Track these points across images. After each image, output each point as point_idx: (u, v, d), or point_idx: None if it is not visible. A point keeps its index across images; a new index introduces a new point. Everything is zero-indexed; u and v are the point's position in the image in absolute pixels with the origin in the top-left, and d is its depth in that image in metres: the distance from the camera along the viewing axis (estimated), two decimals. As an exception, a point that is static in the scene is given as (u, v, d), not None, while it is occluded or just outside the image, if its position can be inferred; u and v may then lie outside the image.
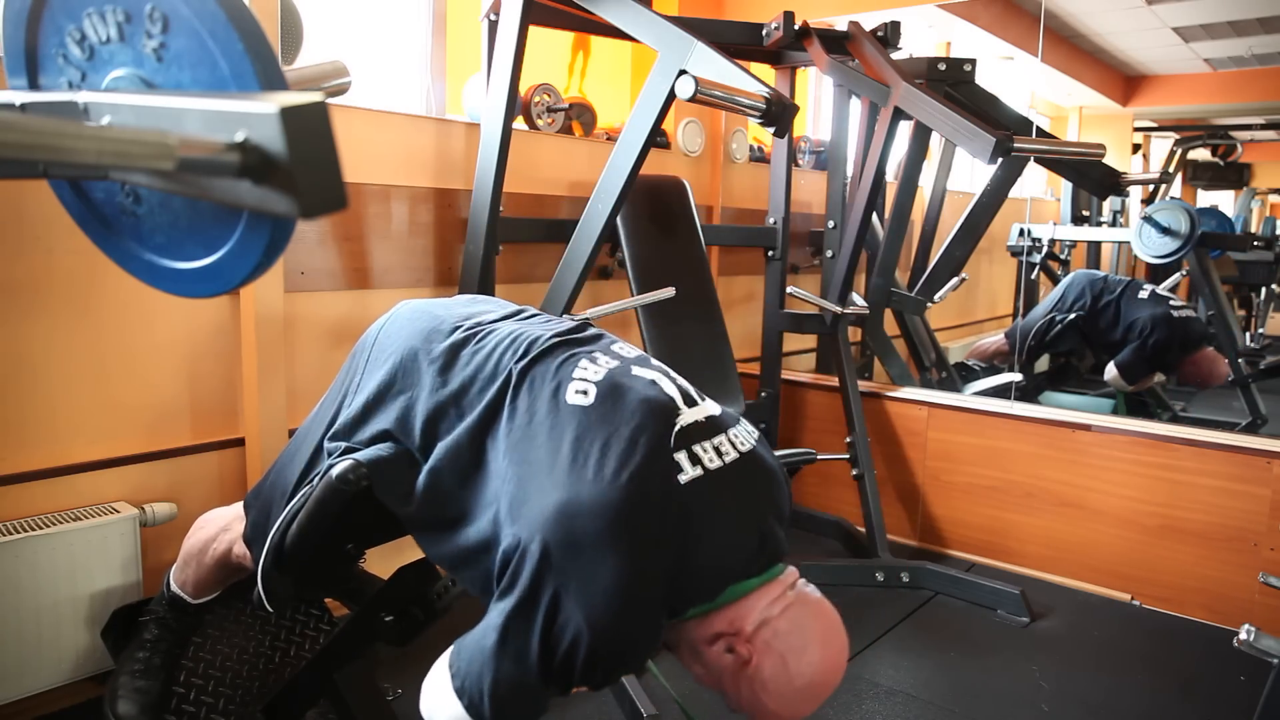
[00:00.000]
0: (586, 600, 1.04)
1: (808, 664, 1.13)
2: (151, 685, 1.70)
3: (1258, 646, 1.40)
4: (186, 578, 1.72)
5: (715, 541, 1.12)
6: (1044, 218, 4.25)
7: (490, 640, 1.09)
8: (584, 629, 1.04)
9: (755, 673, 1.13)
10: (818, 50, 2.93)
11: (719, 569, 1.13)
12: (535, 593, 1.05)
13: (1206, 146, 4.18)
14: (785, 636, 1.13)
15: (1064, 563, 2.88)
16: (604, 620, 1.04)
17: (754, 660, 1.13)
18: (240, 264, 0.81)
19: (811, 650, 1.14)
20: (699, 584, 1.12)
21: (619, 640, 1.07)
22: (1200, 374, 3.70)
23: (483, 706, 1.09)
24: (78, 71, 0.89)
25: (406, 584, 1.43)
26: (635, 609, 1.06)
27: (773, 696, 1.13)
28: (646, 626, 1.10)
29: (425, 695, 1.17)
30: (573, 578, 1.04)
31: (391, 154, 2.48)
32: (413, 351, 1.31)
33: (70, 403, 1.93)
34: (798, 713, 1.15)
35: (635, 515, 1.06)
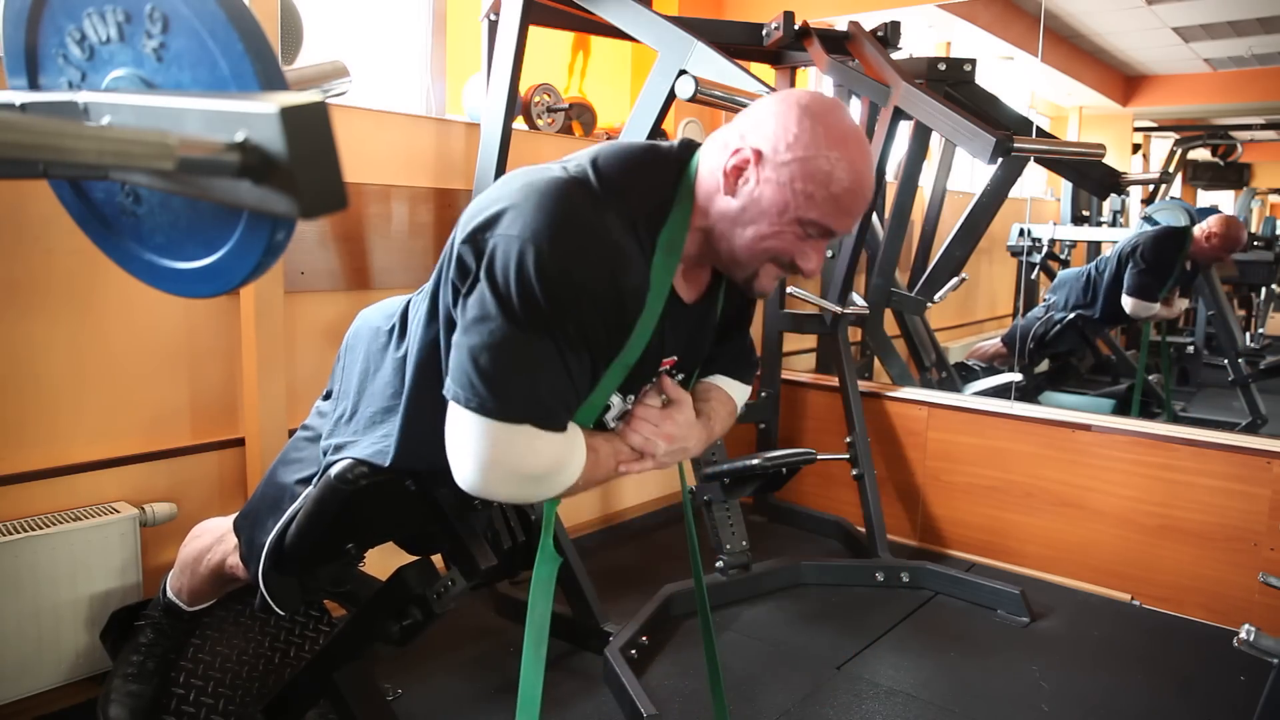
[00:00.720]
0: (518, 222, 1.01)
1: (829, 123, 1.08)
2: (144, 690, 1.70)
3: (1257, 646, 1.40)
4: (182, 585, 1.72)
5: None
6: (1044, 218, 4.25)
7: (456, 334, 1.06)
8: (523, 239, 1.00)
9: (755, 166, 1.09)
10: (818, 50, 2.93)
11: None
12: (470, 266, 1.05)
13: (1206, 146, 4.18)
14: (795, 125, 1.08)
15: (1064, 563, 2.88)
16: (538, 223, 1.00)
17: (744, 152, 1.10)
18: (240, 264, 0.81)
19: (809, 122, 1.08)
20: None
21: (561, 241, 1.01)
22: (1217, 239, 3.62)
23: (480, 392, 1.02)
24: (78, 71, 0.89)
25: (405, 584, 1.43)
26: (574, 218, 1.02)
27: (779, 176, 1.08)
28: (588, 231, 1.04)
29: (448, 452, 1.08)
30: (501, 221, 1.03)
31: (391, 154, 2.48)
32: (375, 331, 1.35)
33: (70, 403, 1.93)
34: (816, 191, 1.08)
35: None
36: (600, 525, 3.22)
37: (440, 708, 2.01)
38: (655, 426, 1.19)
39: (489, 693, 2.07)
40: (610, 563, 2.92)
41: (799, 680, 2.19)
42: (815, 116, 1.08)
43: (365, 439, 1.30)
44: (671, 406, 1.22)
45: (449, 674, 2.15)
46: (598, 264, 1.04)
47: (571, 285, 1.01)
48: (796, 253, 1.13)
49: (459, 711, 2.00)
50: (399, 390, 1.26)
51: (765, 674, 2.22)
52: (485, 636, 2.35)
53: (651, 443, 1.19)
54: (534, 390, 1.04)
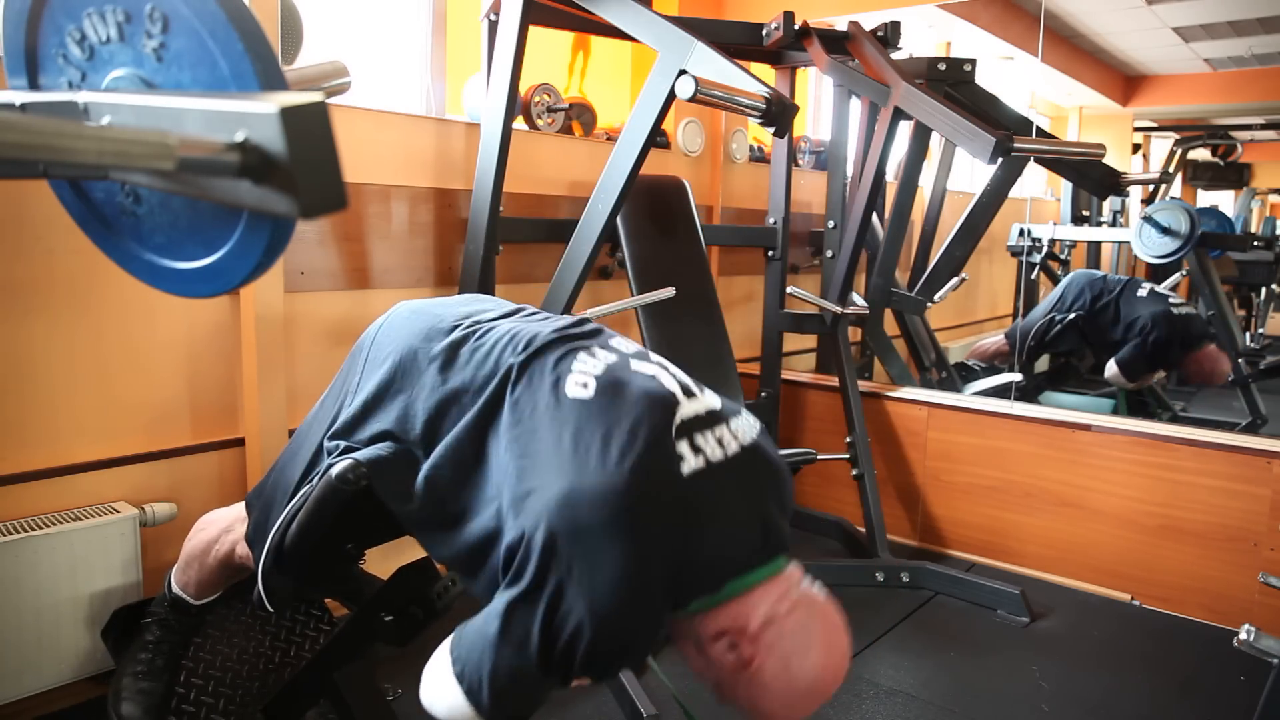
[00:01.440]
0: (589, 590, 1.04)
1: (810, 667, 1.13)
2: (155, 686, 1.70)
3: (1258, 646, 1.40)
4: (189, 579, 1.72)
5: (717, 533, 1.11)
6: (1044, 218, 4.25)
7: (492, 628, 1.09)
8: (586, 619, 1.03)
9: (756, 674, 1.12)
10: (818, 50, 2.93)
11: (721, 560, 1.13)
12: (540, 582, 1.05)
13: (1206, 146, 4.18)
14: (789, 638, 1.12)
15: (1064, 563, 2.88)
16: (606, 610, 1.04)
17: (756, 660, 1.12)
18: (240, 264, 0.81)
19: (814, 653, 1.13)
20: (701, 575, 1.12)
21: (621, 631, 1.07)
22: (1202, 371, 3.69)
23: (481, 694, 1.09)
24: (78, 71, 0.89)
25: (406, 584, 1.43)
26: (637, 599, 1.06)
27: (773, 698, 1.13)
28: (648, 618, 1.09)
29: (425, 681, 1.17)
30: (576, 567, 1.04)
31: (391, 154, 2.48)
32: (412, 351, 1.31)
33: (71, 403, 1.93)
34: (796, 715, 1.15)
35: (638, 503, 1.06)
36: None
37: (440, 708, 2.01)
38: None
39: (489, 693, 2.07)
40: (610, 563, 2.91)
41: (799, 680, 2.19)
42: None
43: (372, 448, 1.29)
44: None
45: (449, 674, 2.15)
46: (643, 647, 1.14)
47: (610, 666, 1.13)
48: None
49: (459, 711, 2.00)
50: (420, 434, 1.25)
51: (765, 674, 2.22)
52: (485, 636, 2.35)
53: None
54: (527, 707, 1.17)
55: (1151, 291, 3.67)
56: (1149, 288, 3.69)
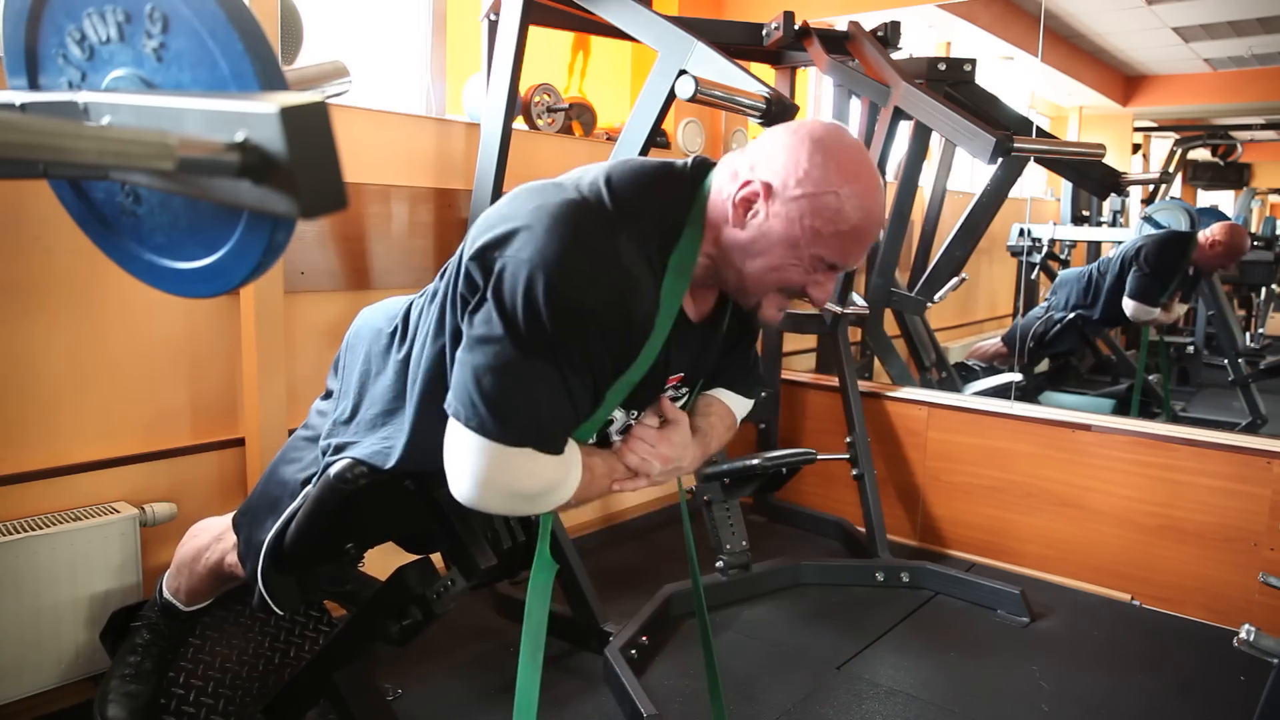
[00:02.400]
0: (530, 245, 1.02)
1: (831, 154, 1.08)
2: (141, 690, 1.70)
3: (1257, 646, 1.40)
4: (180, 585, 1.72)
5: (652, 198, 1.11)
6: (1044, 218, 4.25)
7: (460, 351, 1.07)
8: (533, 263, 1.00)
9: (765, 199, 1.08)
10: (818, 50, 2.93)
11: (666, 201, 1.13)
12: (478, 283, 1.06)
13: (1206, 146, 4.18)
14: (788, 152, 1.09)
15: (1064, 563, 2.88)
16: (550, 249, 1.01)
17: (754, 185, 1.09)
18: (240, 264, 0.81)
19: (820, 156, 1.08)
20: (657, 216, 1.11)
21: (572, 268, 1.01)
22: (1221, 247, 3.61)
23: (481, 413, 1.03)
24: (78, 71, 0.89)
25: (405, 584, 1.43)
26: (582, 239, 1.03)
27: (789, 210, 1.08)
28: (600, 257, 1.04)
29: (448, 466, 1.10)
30: (512, 242, 1.03)
31: (391, 154, 2.48)
32: (377, 332, 1.35)
33: (70, 403, 1.93)
34: (825, 226, 1.08)
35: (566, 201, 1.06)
36: (600, 525, 3.22)
37: (440, 708, 2.01)
38: (651, 447, 1.20)
39: (489, 693, 2.07)
40: (610, 563, 2.92)
41: (799, 680, 2.19)
42: (826, 151, 1.08)
43: (365, 440, 1.30)
44: (668, 426, 1.22)
45: (449, 674, 2.15)
46: (607, 291, 1.04)
47: (579, 313, 1.02)
48: (807, 283, 1.13)
49: (458, 711, 2.01)
50: (400, 393, 1.27)
51: (765, 674, 2.22)
52: (485, 636, 2.35)
53: (647, 463, 1.21)
54: (535, 414, 1.05)
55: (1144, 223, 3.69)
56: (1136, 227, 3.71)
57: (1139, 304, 3.66)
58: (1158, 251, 3.64)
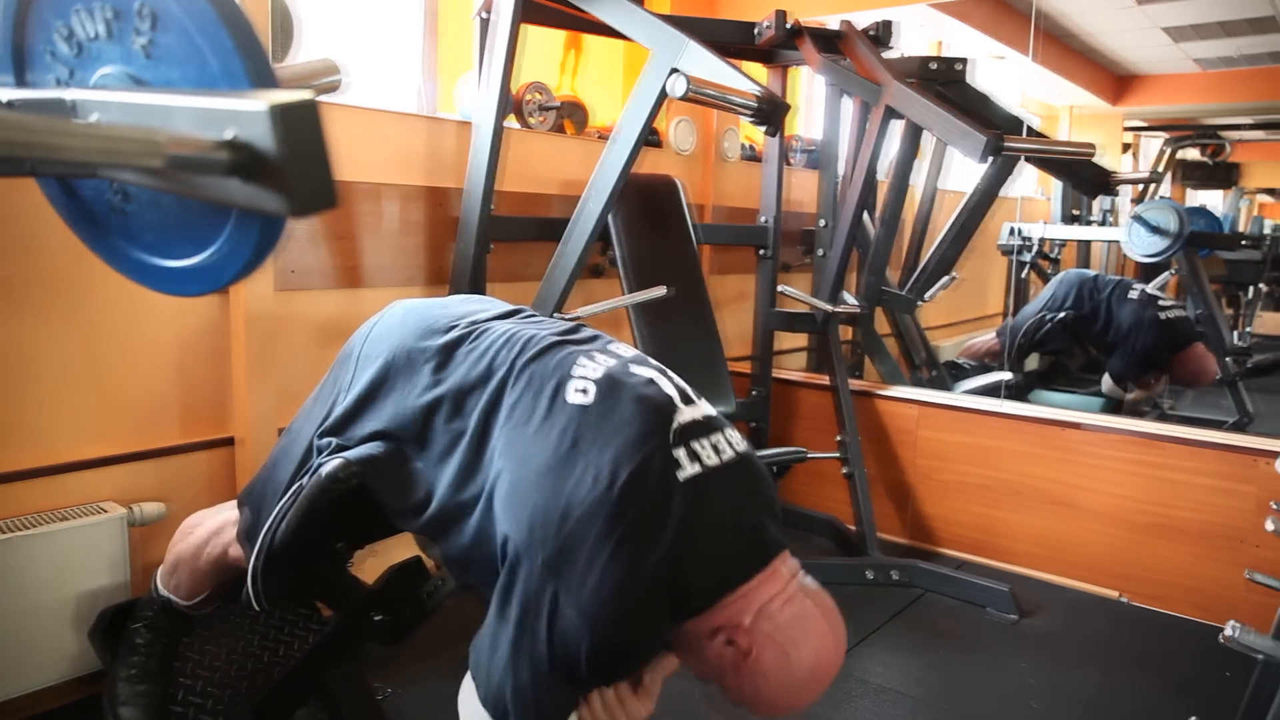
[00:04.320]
0: (582, 600, 1.05)
1: (808, 654, 1.14)
2: (153, 689, 1.69)
3: (1243, 642, 1.41)
4: (179, 582, 1.71)
5: (714, 538, 1.12)
6: (1035, 217, 4.27)
7: (503, 650, 1.11)
8: (584, 631, 1.05)
9: (755, 664, 1.13)
10: (810, 49, 2.93)
11: (721, 565, 1.14)
12: (537, 597, 1.07)
13: (1196, 146, 4.21)
14: (785, 628, 1.14)
15: (1053, 560, 2.89)
16: (602, 621, 1.05)
17: (754, 652, 1.13)
18: (230, 262, 0.81)
19: (811, 640, 1.15)
20: (699, 580, 1.13)
21: (618, 640, 1.08)
22: (1189, 372, 3.71)
23: (510, 714, 1.13)
24: (66, 68, 0.88)
25: (396, 583, 1.43)
26: (632, 608, 1.07)
27: (774, 687, 1.14)
28: (645, 625, 1.11)
29: (461, 706, 1.21)
30: (568, 578, 1.05)
31: (383, 152, 2.47)
32: (405, 349, 1.30)
33: (59, 402, 1.92)
34: (798, 702, 1.16)
35: (632, 514, 1.06)
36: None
37: (430, 707, 2.00)
38: (618, 713, 1.23)
39: (480, 691, 2.07)
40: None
41: (790, 678, 2.20)
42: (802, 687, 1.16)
43: (363, 446, 1.29)
44: (637, 696, 1.25)
45: (440, 674, 2.14)
46: (647, 649, 1.16)
47: (615, 671, 1.15)
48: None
49: (449, 711, 1.99)
50: (413, 435, 1.25)
51: (756, 672, 2.23)
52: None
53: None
54: (553, 713, 1.15)
55: (1142, 293, 3.68)
56: (1140, 289, 3.70)
57: (1117, 386, 3.73)
58: (1152, 346, 3.64)
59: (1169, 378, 3.81)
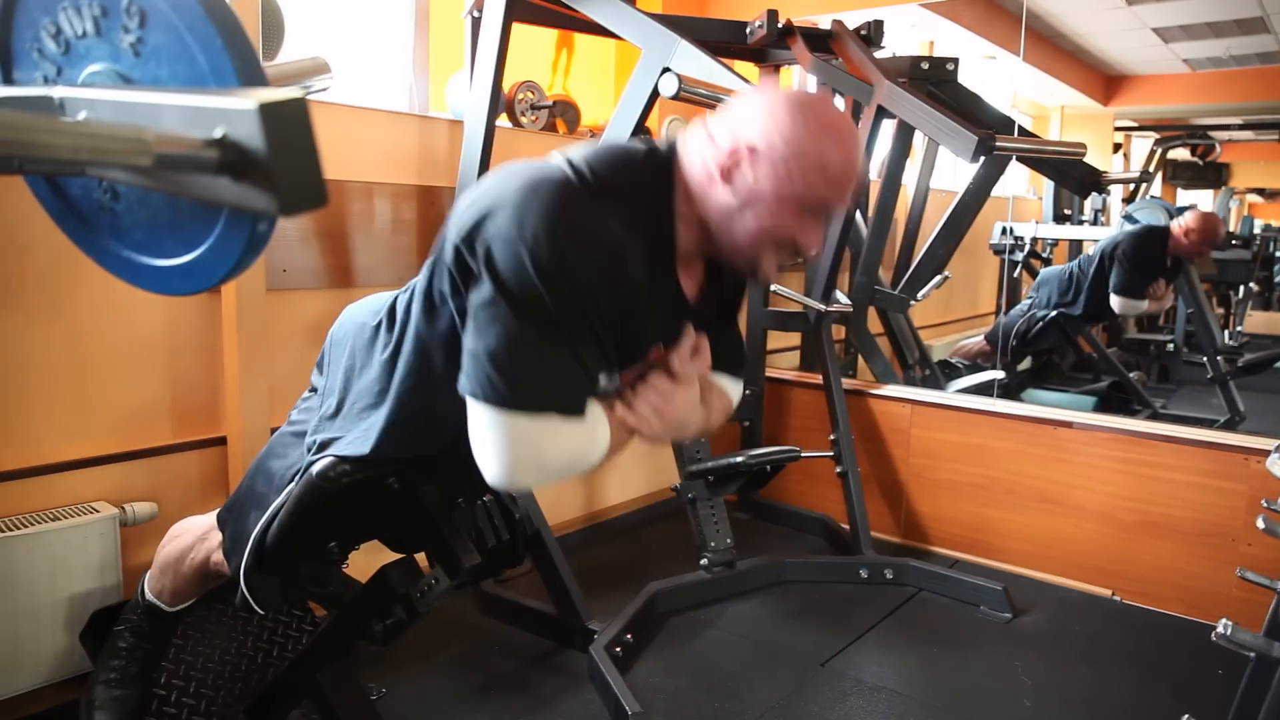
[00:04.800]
0: (519, 221, 1.03)
1: (804, 125, 1.11)
2: (128, 694, 1.68)
3: (1235, 640, 1.41)
4: (164, 586, 1.70)
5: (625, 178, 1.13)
6: (1026, 216, 4.28)
7: (467, 336, 1.08)
8: (525, 238, 1.02)
9: (751, 160, 1.11)
10: (801, 48, 2.93)
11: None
12: (471, 265, 1.07)
13: (1186, 146, 4.23)
14: (766, 117, 1.12)
15: (1046, 559, 2.90)
16: (540, 223, 1.02)
17: (740, 151, 1.11)
18: (220, 261, 0.81)
19: (799, 114, 1.11)
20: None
21: (563, 239, 1.03)
22: (1195, 234, 3.64)
23: (498, 386, 1.05)
24: (53, 66, 0.88)
25: (389, 583, 1.43)
26: (571, 212, 1.05)
27: (777, 168, 1.10)
28: (589, 228, 1.06)
29: (475, 448, 1.11)
30: (500, 221, 1.05)
31: (374, 151, 2.46)
32: (361, 326, 1.35)
33: (48, 402, 1.91)
34: (814, 176, 1.11)
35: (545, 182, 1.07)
36: (585, 523, 3.22)
37: (424, 707, 2.00)
38: (661, 404, 1.20)
39: (472, 692, 2.07)
40: (595, 560, 2.91)
41: (783, 677, 2.20)
42: (805, 109, 1.12)
43: (349, 435, 1.29)
44: (679, 386, 1.22)
45: (433, 673, 2.14)
46: (598, 263, 1.06)
47: (574, 285, 1.04)
48: (798, 232, 1.17)
49: (443, 711, 2.00)
50: (385, 388, 1.26)
51: (749, 671, 2.23)
52: (469, 636, 2.34)
53: (649, 421, 1.20)
54: (553, 380, 1.07)
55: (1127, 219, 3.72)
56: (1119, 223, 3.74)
57: (1125, 298, 3.70)
58: (1135, 244, 3.69)
59: (1186, 252, 3.73)
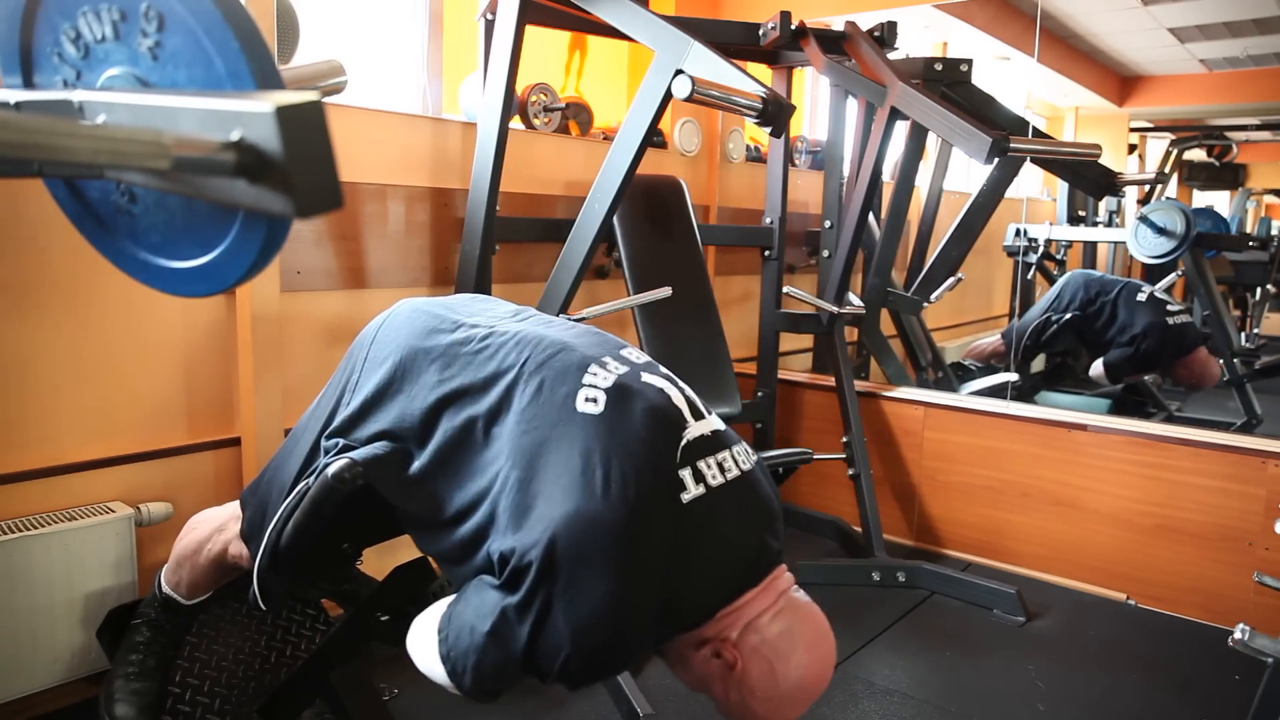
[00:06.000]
0: (574, 615, 1.06)
1: (795, 668, 1.14)
2: (148, 687, 1.69)
3: (1252, 646, 1.40)
4: (180, 579, 1.71)
5: (713, 559, 1.13)
6: (1040, 218, 4.26)
7: (483, 627, 1.11)
8: (566, 640, 1.06)
9: (743, 677, 1.14)
10: (814, 50, 2.93)
11: (716, 587, 1.14)
12: (531, 597, 1.07)
13: (1202, 147, 4.19)
14: (772, 642, 1.14)
15: (1060, 562, 2.88)
16: (586, 636, 1.06)
17: (740, 665, 1.14)
18: (236, 263, 0.81)
19: (798, 655, 1.15)
20: (695, 602, 1.14)
21: (599, 655, 1.09)
22: (1193, 376, 3.70)
23: (464, 678, 1.14)
24: (73, 70, 0.89)
25: (402, 583, 1.43)
26: (621, 628, 1.08)
27: (760, 701, 1.14)
28: (630, 643, 1.11)
29: (412, 641, 1.22)
30: (567, 590, 1.06)
31: (388, 153, 2.47)
32: (413, 350, 1.30)
33: (66, 402, 1.92)
34: (785, 716, 1.17)
35: (637, 535, 1.07)
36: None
37: (436, 707, 2.00)
38: None
39: (485, 692, 2.07)
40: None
41: (795, 680, 2.19)
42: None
43: (369, 446, 1.29)
44: None
45: (445, 674, 2.14)
46: (631, 656, 1.15)
47: (584, 681, 1.14)
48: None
49: (454, 711, 2.00)
50: (417, 432, 1.25)
51: (761, 673, 2.22)
52: (482, 636, 2.34)
53: None
54: (499, 686, 1.17)
55: (1150, 296, 3.66)
56: (1148, 291, 3.67)
57: (1104, 375, 3.73)
58: (1155, 351, 3.63)
59: (1171, 380, 3.80)
